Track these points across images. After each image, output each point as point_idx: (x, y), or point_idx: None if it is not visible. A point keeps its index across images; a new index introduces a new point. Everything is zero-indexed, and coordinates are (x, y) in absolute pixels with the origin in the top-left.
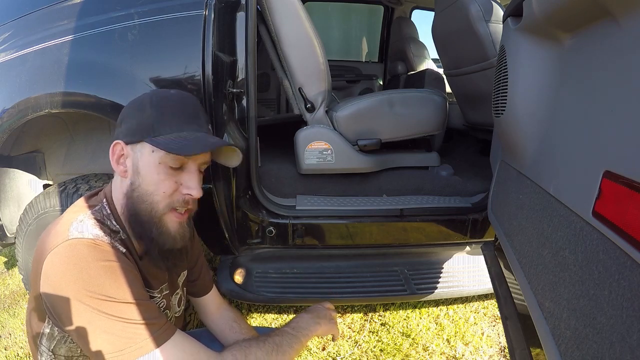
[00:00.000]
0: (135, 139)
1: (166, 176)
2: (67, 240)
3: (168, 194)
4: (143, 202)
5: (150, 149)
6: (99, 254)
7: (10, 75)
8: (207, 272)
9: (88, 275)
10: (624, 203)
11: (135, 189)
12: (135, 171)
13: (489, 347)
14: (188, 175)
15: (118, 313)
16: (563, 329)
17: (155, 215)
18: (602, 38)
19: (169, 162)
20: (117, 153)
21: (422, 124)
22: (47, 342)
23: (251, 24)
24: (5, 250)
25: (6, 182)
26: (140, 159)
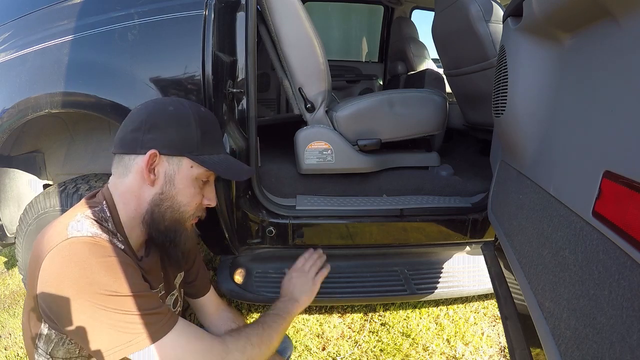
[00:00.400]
0: (176, 153)
1: (198, 190)
2: (66, 240)
3: (196, 206)
4: (174, 212)
5: (189, 164)
6: (98, 251)
7: (10, 75)
8: (205, 273)
9: (89, 273)
10: (624, 203)
11: (166, 198)
12: (170, 182)
13: (489, 347)
14: (210, 188)
15: (122, 306)
16: (563, 329)
17: (182, 223)
18: (602, 38)
19: (202, 178)
20: (151, 162)
21: (422, 124)
22: (44, 345)
23: (251, 24)
24: (5, 250)
25: (6, 182)
26: (177, 172)
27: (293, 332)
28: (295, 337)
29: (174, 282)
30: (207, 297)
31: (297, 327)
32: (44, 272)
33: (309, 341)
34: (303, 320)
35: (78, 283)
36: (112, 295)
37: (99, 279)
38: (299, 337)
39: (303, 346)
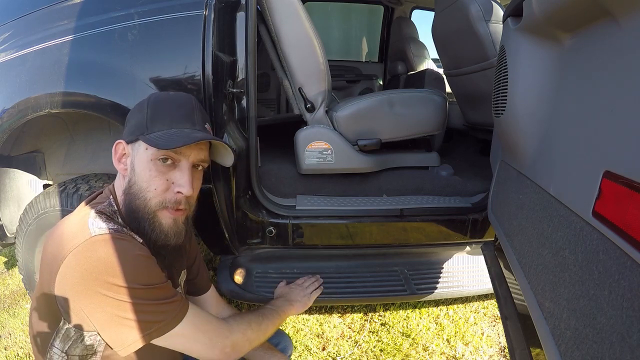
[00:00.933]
0: (133, 138)
1: (157, 173)
2: (90, 237)
3: (159, 191)
4: (137, 199)
5: (144, 147)
6: (122, 247)
7: (10, 75)
8: (205, 271)
9: (114, 269)
10: (624, 203)
11: (132, 185)
12: (132, 168)
13: (489, 347)
14: (179, 172)
15: (146, 298)
16: (563, 329)
17: (148, 211)
18: (602, 38)
19: (157, 158)
20: (119, 152)
21: (422, 124)
22: (60, 344)
23: (251, 24)
24: (5, 250)
25: (6, 182)
26: (136, 156)
27: (293, 332)
28: (295, 337)
29: (178, 281)
30: (208, 295)
31: (297, 327)
32: (68, 269)
33: (309, 341)
34: (303, 320)
35: (104, 279)
36: (137, 288)
37: (125, 274)
38: (299, 337)
39: (303, 346)
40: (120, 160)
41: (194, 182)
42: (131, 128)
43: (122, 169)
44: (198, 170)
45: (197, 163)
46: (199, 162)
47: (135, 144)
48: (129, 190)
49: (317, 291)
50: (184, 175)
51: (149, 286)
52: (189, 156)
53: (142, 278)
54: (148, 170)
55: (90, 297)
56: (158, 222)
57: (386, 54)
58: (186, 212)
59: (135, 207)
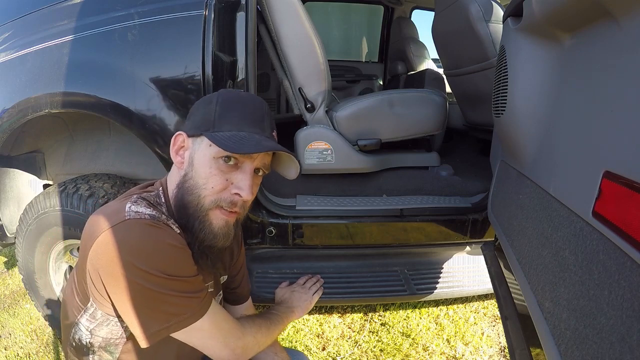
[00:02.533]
0: (197, 132)
1: (218, 172)
2: (124, 220)
3: (217, 189)
4: (191, 194)
5: (207, 143)
6: (155, 233)
7: (10, 75)
8: (247, 282)
9: (144, 254)
10: (624, 203)
11: (187, 180)
12: (190, 163)
13: (489, 347)
14: (241, 175)
15: (171, 288)
16: (563, 329)
17: (201, 209)
18: (602, 38)
19: (220, 156)
20: (178, 144)
21: (422, 124)
22: (86, 322)
23: (251, 24)
24: (5, 250)
25: (6, 182)
26: (196, 151)
27: (293, 332)
28: (295, 337)
29: (220, 285)
30: (243, 307)
31: (297, 327)
32: (99, 247)
33: (309, 341)
34: (303, 320)
35: (132, 263)
36: (163, 277)
37: (153, 261)
38: (299, 337)
39: (303, 346)
40: (178, 152)
41: (253, 187)
42: (196, 122)
43: (179, 162)
44: (258, 175)
45: (259, 168)
46: (262, 167)
47: (198, 138)
48: (183, 185)
49: (318, 293)
50: (245, 178)
51: (176, 277)
52: (254, 160)
53: (171, 268)
54: (208, 167)
55: (116, 279)
56: (209, 221)
57: (386, 54)
58: (239, 215)
59: (187, 202)
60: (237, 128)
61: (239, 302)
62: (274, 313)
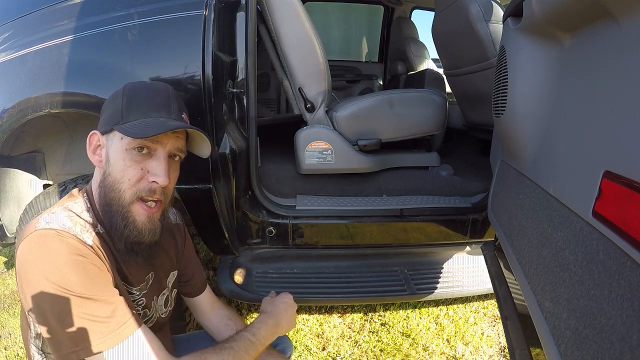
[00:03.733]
0: (108, 128)
1: (132, 162)
2: (34, 231)
3: (133, 181)
4: (112, 191)
5: (119, 137)
6: (61, 246)
7: (10, 75)
8: (200, 272)
9: (50, 266)
10: (624, 203)
11: (107, 177)
12: (107, 160)
13: (489, 347)
14: (155, 162)
15: (75, 307)
16: (563, 329)
17: (122, 204)
18: (602, 38)
19: (133, 147)
20: (94, 143)
21: (422, 124)
22: (35, 341)
23: (251, 24)
24: (5, 250)
25: (6, 182)
26: (111, 147)
27: (293, 332)
28: (295, 337)
29: (165, 282)
30: (203, 296)
31: (297, 327)
32: (17, 261)
33: (309, 341)
34: (303, 321)
35: (39, 274)
36: (67, 293)
37: (58, 274)
38: (299, 337)
39: (303, 346)
40: (95, 152)
41: (170, 173)
42: (106, 118)
43: (97, 161)
44: (175, 160)
45: (173, 153)
46: (175, 151)
47: (110, 134)
48: (103, 183)
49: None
50: (160, 164)
51: (74, 294)
52: (165, 145)
53: (68, 282)
54: (122, 160)
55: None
56: (132, 217)
57: (386, 54)
58: (162, 205)
59: (109, 199)
60: (144, 115)
61: (195, 293)
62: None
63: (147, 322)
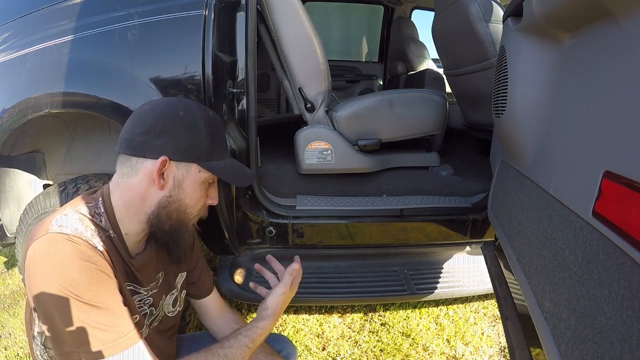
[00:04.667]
0: (186, 159)
1: (204, 192)
2: (46, 234)
3: (202, 207)
4: (180, 213)
5: (197, 169)
6: (72, 251)
7: (10, 75)
8: (207, 274)
9: (59, 270)
10: (624, 203)
11: (174, 201)
12: (178, 186)
13: (489, 347)
14: (213, 188)
15: (80, 313)
16: (563, 329)
17: (187, 223)
18: (602, 38)
19: (208, 181)
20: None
21: (422, 124)
22: (39, 337)
23: (251, 24)
24: (5, 250)
25: (6, 182)
26: (186, 176)
27: (293, 332)
28: (295, 337)
29: (174, 282)
30: (210, 299)
31: (297, 327)
32: (26, 262)
33: (309, 341)
34: (303, 321)
35: (45, 278)
36: (73, 297)
37: (64, 278)
38: (299, 337)
39: (303, 346)
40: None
41: None
42: (181, 147)
43: (160, 185)
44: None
45: None
46: None
47: (183, 163)
48: (167, 205)
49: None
50: (216, 190)
51: (80, 299)
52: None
53: (76, 287)
54: (199, 191)
55: (33, 296)
56: (189, 232)
57: (386, 54)
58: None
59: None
60: (222, 156)
61: (202, 295)
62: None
63: (154, 321)
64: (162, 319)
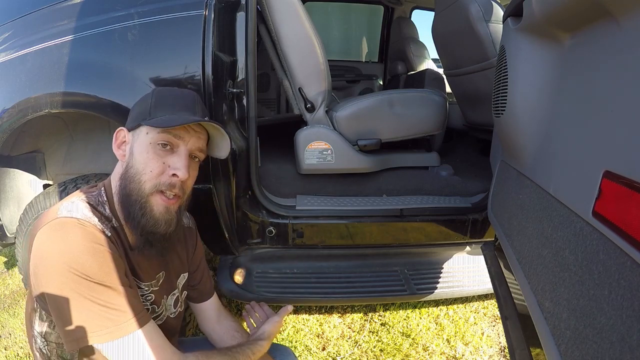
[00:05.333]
0: (135, 124)
1: (155, 155)
2: (55, 219)
3: (155, 173)
4: (133, 182)
5: (145, 131)
6: (83, 234)
7: (10, 75)
8: (208, 278)
9: (70, 252)
10: (624, 203)
11: (129, 169)
12: (131, 153)
13: (489, 347)
14: (177, 157)
15: (92, 293)
16: (563, 329)
17: (142, 194)
18: (602, 38)
19: (158, 141)
20: (120, 139)
21: (422, 124)
22: (38, 327)
23: (251, 24)
24: (5, 250)
25: (6, 182)
26: (136, 141)
27: (293, 332)
28: (295, 337)
29: (176, 282)
30: (209, 303)
31: (297, 327)
32: (35, 246)
33: (309, 341)
34: (303, 321)
35: (59, 260)
36: (86, 279)
37: (78, 260)
38: (299, 337)
39: (303, 346)
40: (120, 147)
41: (190, 170)
42: (134, 116)
43: (121, 155)
44: (194, 160)
45: (194, 152)
46: (196, 150)
47: (137, 130)
48: (125, 174)
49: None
50: (181, 159)
51: (93, 280)
52: (187, 142)
53: (89, 268)
54: (146, 152)
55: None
56: (150, 207)
57: (386, 54)
58: (180, 199)
59: (130, 190)
60: (170, 113)
61: (202, 298)
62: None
63: (156, 319)
64: (165, 319)
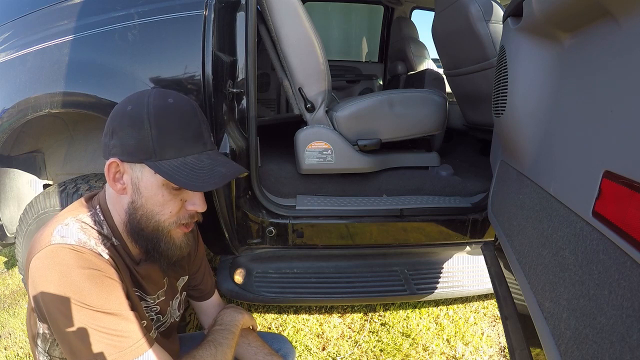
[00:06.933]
0: (134, 160)
1: (171, 197)
2: (49, 246)
3: (174, 212)
4: (146, 218)
5: (151, 171)
6: (78, 261)
7: (10, 75)
8: (210, 277)
9: (66, 281)
10: (624, 203)
11: (138, 208)
12: (136, 190)
13: (489, 347)
14: (189, 192)
15: (93, 321)
16: (563, 329)
17: (162, 232)
18: (602, 38)
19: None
20: (113, 171)
21: (422, 124)
22: (42, 344)
23: (251, 24)
24: (5, 250)
25: (6, 182)
26: (141, 179)
27: (293, 332)
28: (295, 337)
29: (176, 286)
30: (211, 301)
31: (297, 327)
32: (31, 273)
33: (309, 341)
34: (303, 320)
35: (56, 289)
36: (84, 307)
37: (74, 289)
38: (299, 337)
39: (303, 346)
40: (115, 179)
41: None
42: (128, 147)
43: (120, 189)
44: None
45: None
46: None
47: (137, 165)
48: (134, 213)
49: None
50: (196, 194)
51: (92, 308)
52: None
53: (86, 296)
54: (160, 195)
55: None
56: (171, 238)
57: (386, 54)
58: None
59: (143, 226)
60: (181, 152)
61: (204, 297)
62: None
63: (160, 327)
64: (170, 324)
